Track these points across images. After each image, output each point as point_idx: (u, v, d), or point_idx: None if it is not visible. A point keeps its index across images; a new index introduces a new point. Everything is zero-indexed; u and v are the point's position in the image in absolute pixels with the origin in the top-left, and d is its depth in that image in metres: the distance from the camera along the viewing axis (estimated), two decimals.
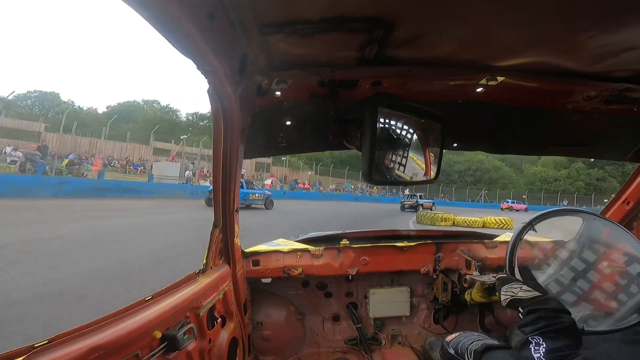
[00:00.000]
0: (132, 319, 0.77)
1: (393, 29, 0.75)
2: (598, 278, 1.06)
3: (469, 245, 1.76)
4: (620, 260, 1.07)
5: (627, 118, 1.19)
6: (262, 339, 1.72)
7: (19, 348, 0.57)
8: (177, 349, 0.87)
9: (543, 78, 0.98)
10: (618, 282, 1.04)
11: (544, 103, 1.15)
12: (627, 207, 1.51)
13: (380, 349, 1.82)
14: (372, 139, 0.93)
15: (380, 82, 1.01)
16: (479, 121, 1.34)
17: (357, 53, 0.86)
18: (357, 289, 1.89)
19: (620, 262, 1.07)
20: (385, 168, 1.03)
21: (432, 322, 1.91)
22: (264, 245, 1.80)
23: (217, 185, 1.18)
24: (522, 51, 0.86)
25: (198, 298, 1.03)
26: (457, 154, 41.61)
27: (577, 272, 1.09)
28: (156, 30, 0.57)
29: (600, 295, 1.05)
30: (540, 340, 0.84)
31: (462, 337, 1.16)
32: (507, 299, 1.04)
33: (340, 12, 0.69)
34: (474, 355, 1.02)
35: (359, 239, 1.84)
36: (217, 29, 0.65)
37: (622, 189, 1.55)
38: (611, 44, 0.79)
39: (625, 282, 1.03)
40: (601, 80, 0.98)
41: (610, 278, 1.05)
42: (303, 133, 1.30)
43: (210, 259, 1.22)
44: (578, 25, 0.72)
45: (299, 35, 0.76)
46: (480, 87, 1.05)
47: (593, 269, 1.08)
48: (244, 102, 0.97)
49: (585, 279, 1.07)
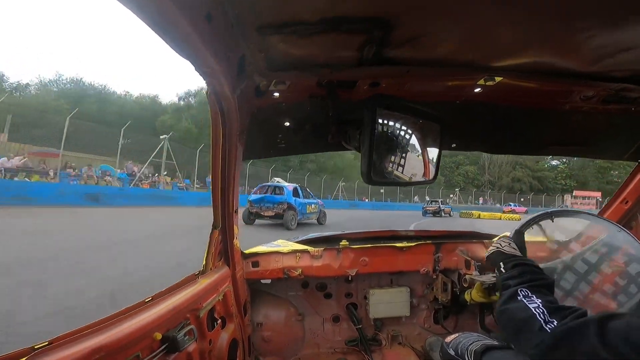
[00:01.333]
0: (132, 320, 0.77)
1: (392, 30, 0.75)
2: (598, 279, 1.06)
3: (468, 245, 1.76)
4: (621, 260, 1.07)
5: (625, 118, 1.19)
6: (262, 340, 1.72)
7: (20, 349, 0.57)
8: (177, 350, 0.87)
9: (541, 78, 0.98)
10: (617, 282, 1.04)
11: (542, 103, 1.15)
12: (625, 207, 1.52)
13: (380, 349, 1.82)
14: (371, 139, 0.94)
15: (379, 83, 1.01)
16: (477, 122, 1.34)
17: (356, 53, 0.86)
18: (356, 289, 1.89)
19: (620, 262, 1.07)
20: (384, 169, 1.03)
21: (432, 323, 1.91)
22: (264, 247, 1.80)
23: (216, 187, 1.18)
24: (520, 51, 0.87)
25: (198, 299, 1.03)
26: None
27: (577, 273, 1.09)
28: (153, 31, 0.57)
29: (599, 296, 1.05)
30: (528, 292, 0.81)
31: (461, 337, 1.15)
32: (492, 250, 1.02)
33: (338, 13, 0.69)
34: (474, 355, 1.01)
35: (358, 240, 1.84)
36: (215, 30, 0.65)
37: (620, 188, 1.56)
38: (609, 44, 0.79)
39: (624, 283, 1.03)
40: (599, 80, 0.99)
41: (609, 279, 1.05)
42: (302, 134, 1.31)
43: (209, 261, 1.22)
44: (576, 25, 0.72)
45: (297, 36, 0.76)
46: (479, 88, 1.05)
47: (594, 270, 1.08)
48: (242, 103, 0.97)
49: (585, 280, 1.07)
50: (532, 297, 0.79)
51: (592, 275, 1.07)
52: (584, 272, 1.08)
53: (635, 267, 1.03)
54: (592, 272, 1.07)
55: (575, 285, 1.08)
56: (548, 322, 0.72)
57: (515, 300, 0.81)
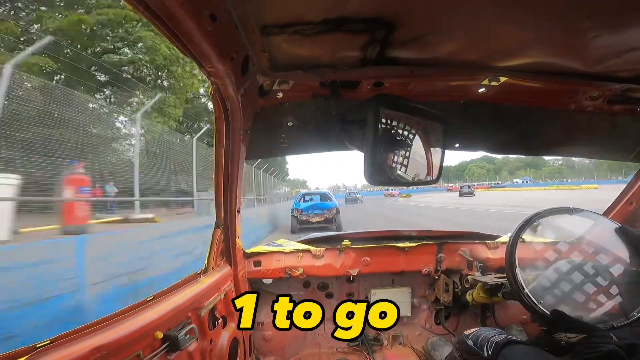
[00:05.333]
0: (133, 319, 0.77)
1: (395, 30, 0.75)
2: (581, 280, 1.05)
3: (471, 246, 1.76)
4: (605, 261, 1.06)
5: (630, 118, 1.18)
6: (263, 339, 1.72)
7: (21, 348, 0.58)
8: (178, 349, 0.87)
9: (546, 78, 0.98)
10: (599, 283, 1.03)
11: (546, 103, 1.15)
12: (630, 208, 1.50)
13: (381, 349, 1.81)
14: (374, 139, 0.93)
15: (382, 83, 1.01)
16: (481, 121, 1.34)
17: (359, 53, 0.86)
18: (358, 289, 1.88)
19: (624, 262, 1.06)
20: (387, 168, 1.02)
21: (433, 323, 1.91)
22: (266, 246, 1.81)
23: (219, 186, 1.18)
24: (525, 51, 0.86)
25: (199, 298, 1.03)
26: None
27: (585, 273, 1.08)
28: (159, 31, 0.57)
29: (602, 296, 1.04)
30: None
31: (483, 330, 1.16)
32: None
33: (342, 13, 0.69)
34: (495, 347, 1.01)
35: (360, 240, 1.84)
36: (219, 30, 0.65)
37: (625, 189, 1.55)
38: (614, 44, 0.79)
39: (605, 284, 1.03)
40: (604, 80, 0.98)
41: (592, 280, 1.05)
42: (305, 134, 1.30)
43: (211, 260, 1.23)
44: (581, 25, 0.72)
45: (300, 36, 0.76)
46: (483, 88, 1.04)
47: (596, 270, 1.07)
48: (246, 102, 0.97)
49: (592, 282, 1.06)
50: None
51: (574, 275, 1.06)
52: (566, 270, 1.07)
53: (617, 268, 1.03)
54: (574, 272, 1.06)
55: (556, 282, 1.07)
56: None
57: None
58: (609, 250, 1.08)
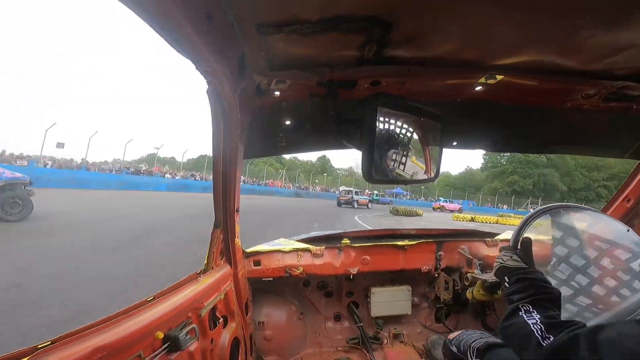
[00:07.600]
0: (134, 319, 0.77)
1: (392, 29, 0.75)
2: (599, 274, 1.06)
3: (470, 244, 1.76)
4: (623, 256, 1.07)
5: (626, 116, 1.19)
6: (264, 338, 1.72)
7: (23, 349, 0.58)
8: (179, 349, 0.87)
9: (542, 76, 0.98)
10: (621, 278, 1.04)
11: (543, 101, 1.15)
12: (628, 205, 1.51)
13: (382, 348, 1.82)
14: (372, 138, 0.93)
15: (379, 82, 1.01)
16: (478, 120, 1.34)
17: (356, 53, 0.86)
18: (358, 288, 1.89)
19: (623, 259, 1.07)
20: (385, 167, 1.03)
21: (433, 321, 1.92)
22: (265, 245, 1.81)
23: (218, 186, 1.18)
24: (521, 50, 0.86)
25: (200, 298, 1.03)
26: None
27: (576, 267, 1.09)
28: (154, 30, 0.57)
29: (600, 290, 1.05)
30: (530, 308, 0.80)
31: (464, 335, 1.15)
32: (497, 266, 1.01)
33: (338, 12, 0.69)
34: (477, 353, 1.01)
35: (359, 238, 1.85)
36: (215, 30, 0.65)
37: (622, 186, 1.55)
38: (610, 42, 0.79)
39: (627, 278, 1.03)
40: (600, 78, 0.98)
41: (612, 274, 1.05)
42: (303, 133, 1.31)
43: (211, 259, 1.23)
44: (577, 23, 0.72)
45: (297, 35, 0.76)
46: (480, 86, 1.05)
47: (594, 265, 1.08)
48: (243, 102, 0.97)
49: (585, 274, 1.07)
50: (532, 313, 0.79)
51: (591, 269, 1.07)
52: (581, 265, 1.08)
53: (638, 263, 1.03)
54: (591, 266, 1.07)
55: (571, 276, 1.07)
56: (545, 338, 0.72)
57: (516, 316, 0.81)
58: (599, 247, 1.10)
